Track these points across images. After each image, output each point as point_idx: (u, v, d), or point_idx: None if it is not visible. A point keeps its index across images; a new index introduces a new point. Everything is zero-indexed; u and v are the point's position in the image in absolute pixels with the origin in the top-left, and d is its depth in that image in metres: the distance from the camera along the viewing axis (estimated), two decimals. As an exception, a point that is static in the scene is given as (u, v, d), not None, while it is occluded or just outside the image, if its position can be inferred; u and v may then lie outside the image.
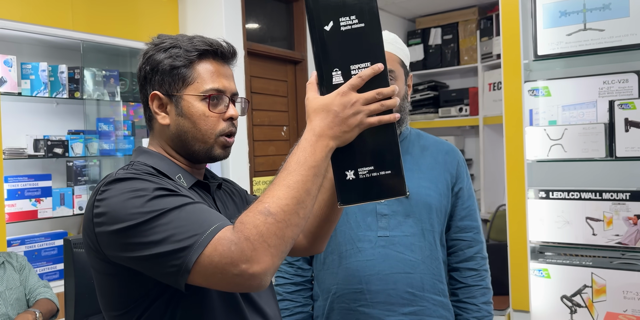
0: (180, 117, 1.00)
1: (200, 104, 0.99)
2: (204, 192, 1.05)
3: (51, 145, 2.77)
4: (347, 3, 0.88)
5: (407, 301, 1.33)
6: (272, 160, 3.84)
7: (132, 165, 0.99)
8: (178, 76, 0.99)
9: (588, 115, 2.07)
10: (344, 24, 0.88)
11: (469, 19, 4.81)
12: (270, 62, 3.82)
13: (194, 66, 1.00)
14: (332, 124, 0.86)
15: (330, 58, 0.88)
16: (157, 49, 1.01)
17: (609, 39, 1.98)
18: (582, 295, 1.97)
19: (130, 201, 0.85)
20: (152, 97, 1.01)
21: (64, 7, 2.77)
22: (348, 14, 0.87)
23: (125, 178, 0.90)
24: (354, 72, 0.88)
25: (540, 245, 2.12)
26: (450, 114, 4.77)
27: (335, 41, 0.88)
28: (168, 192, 0.88)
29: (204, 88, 0.99)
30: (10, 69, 2.60)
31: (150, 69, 1.00)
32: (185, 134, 1.00)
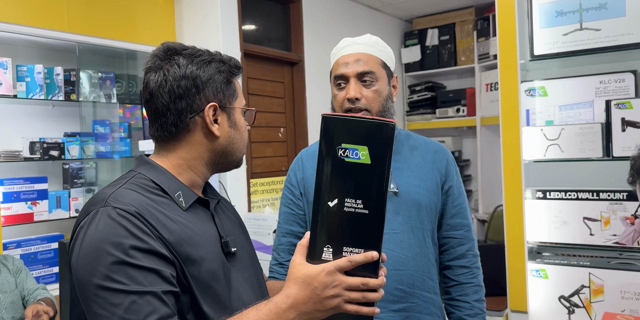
0: (232, 129, 1.05)
1: (242, 117, 1.08)
2: (203, 208, 1.05)
3: (47, 147, 2.76)
4: (358, 185, 0.87)
5: (397, 298, 1.34)
6: (269, 161, 3.83)
7: (131, 178, 0.99)
8: (229, 91, 1.04)
9: (585, 115, 2.06)
10: (349, 205, 0.87)
11: (466, 19, 4.81)
12: (267, 64, 3.82)
13: (234, 82, 1.07)
14: (308, 299, 0.85)
15: (325, 233, 0.87)
16: (201, 60, 1.02)
17: (605, 39, 1.98)
18: (579, 296, 1.97)
19: (97, 259, 0.86)
20: (209, 108, 1.01)
21: (59, 9, 2.76)
22: (355, 197, 0.87)
23: (111, 219, 0.89)
24: (345, 254, 0.87)
25: (538, 245, 2.12)
26: (447, 115, 4.77)
27: (335, 219, 0.87)
28: (135, 261, 0.86)
29: (244, 102, 1.09)
30: (5, 71, 2.59)
31: (203, 81, 1.01)
32: (233, 145, 1.06)
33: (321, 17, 4.17)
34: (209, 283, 0.94)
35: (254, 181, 3.59)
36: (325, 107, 4.11)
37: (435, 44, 4.97)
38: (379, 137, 0.86)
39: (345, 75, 1.37)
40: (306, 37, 4.00)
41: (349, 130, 0.87)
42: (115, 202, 0.91)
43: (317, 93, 4.07)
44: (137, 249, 0.86)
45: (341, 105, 1.39)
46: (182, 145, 1.03)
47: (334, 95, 1.42)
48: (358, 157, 0.87)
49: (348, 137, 0.87)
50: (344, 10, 4.43)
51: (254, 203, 3.58)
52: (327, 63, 4.56)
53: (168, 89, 1.00)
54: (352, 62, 1.37)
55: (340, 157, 0.86)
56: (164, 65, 1.01)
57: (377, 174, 0.86)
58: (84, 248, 0.87)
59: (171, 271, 0.89)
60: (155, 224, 0.91)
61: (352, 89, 1.36)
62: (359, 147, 0.86)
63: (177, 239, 0.92)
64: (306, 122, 4.00)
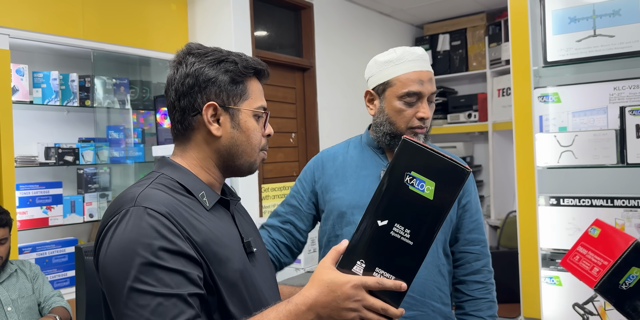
0: (235, 130, 1.03)
1: (252, 119, 1.04)
2: (224, 209, 1.06)
3: (62, 153, 2.80)
4: (412, 216, 0.86)
5: (408, 305, 1.34)
6: (280, 167, 3.85)
7: (156, 178, 1.00)
8: (236, 91, 1.02)
9: (599, 121, 2.05)
10: (396, 231, 0.86)
11: (477, 25, 4.81)
12: (279, 69, 3.84)
13: (248, 83, 1.05)
14: (327, 304, 0.86)
15: (364, 248, 0.87)
16: (210, 60, 1.02)
17: (619, 45, 1.97)
18: (594, 303, 1.95)
19: (126, 260, 0.87)
20: (207, 107, 1.01)
21: (75, 17, 2.80)
22: (405, 225, 0.86)
23: (141, 219, 0.89)
24: (376, 274, 0.87)
25: (552, 252, 2.11)
26: (459, 120, 4.76)
27: (379, 239, 0.86)
28: (163, 263, 0.87)
29: (257, 104, 1.05)
30: (22, 77, 2.63)
31: (204, 80, 1.00)
32: (237, 147, 1.04)
33: (332, 23, 4.19)
34: (235, 283, 0.96)
35: (266, 186, 3.60)
36: (337, 113, 4.13)
37: (447, 49, 4.97)
38: (451, 178, 0.85)
39: (422, 93, 1.36)
40: (317, 43, 4.02)
41: (424, 162, 0.85)
42: (145, 202, 0.91)
43: (328, 99, 4.08)
44: (165, 250, 0.87)
45: (408, 122, 1.37)
46: (191, 145, 1.04)
47: (399, 110, 1.38)
48: (422, 190, 0.85)
49: (421, 167, 0.85)
50: (355, 16, 4.45)
51: (265, 208, 3.59)
52: (338, 68, 4.57)
53: (175, 87, 1.02)
54: (426, 80, 1.37)
55: (406, 183, 0.86)
56: (177, 65, 1.04)
57: (435, 211, 0.85)
58: (113, 247, 0.88)
59: (198, 273, 0.90)
60: (184, 224, 0.92)
61: (427, 109, 1.37)
62: (427, 181, 0.85)
63: (205, 239, 0.94)
64: (317, 128, 4.02)
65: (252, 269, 1.03)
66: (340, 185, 1.44)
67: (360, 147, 1.49)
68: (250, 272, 1.01)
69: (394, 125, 1.38)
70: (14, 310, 2.09)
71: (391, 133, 1.39)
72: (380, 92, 1.41)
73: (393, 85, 1.38)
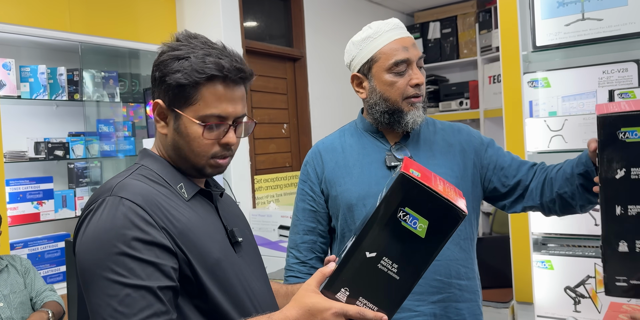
0: (176, 133, 0.99)
1: (196, 126, 0.97)
2: (206, 200, 1.05)
3: (52, 147, 2.78)
4: (402, 251, 0.84)
5: (436, 289, 1.32)
6: (272, 158, 3.84)
7: (136, 169, 1.00)
8: (182, 94, 0.96)
9: (588, 105, 2.05)
10: (384, 264, 0.85)
11: (468, 12, 4.79)
12: (269, 60, 3.82)
13: (200, 88, 0.95)
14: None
15: (350, 277, 0.86)
16: (172, 55, 0.97)
17: (607, 28, 1.97)
18: (585, 286, 1.97)
19: (99, 249, 0.86)
20: (154, 104, 1.00)
21: (61, 9, 2.77)
22: (393, 260, 0.85)
23: (116, 209, 0.89)
24: (359, 303, 0.86)
25: (543, 236, 2.12)
26: (450, 108, 4.76)
27: (366, 270, 0.85)
28: (136, 253, 0.86)
29: (204, 113, 0.96)
30: (9, 72, 2.60)
31: (160, 76, 0.97)
32: (179, 150, 1.00)
33: (322, 12, 4.17)
34: (215, 271, 0.94)
35: (258, 177, 3.60)
36: (329, 102, 4.12)
37: (437, 37, 4.96)
38: (445, 219, 0.83)
39: (410, 59, 1.30)
40: (308, 33, 4.00)
41: (420, 199, 0.83)
42: (122, 192, 0.91)
43: (319, 88, 4.06)
44: (139, 240, 0.86)
45: (402, 93, 1.31)
46: (158, 136, 1.05)
47: (391, 82, 1.31)
48: (415, 227, 0.84)
49: (416, 204, 0.83)
50: (345, 5, 4.42)
51: (259, 199, 3.59)
52: (329, 58, 4.54)
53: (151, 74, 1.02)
54: (410, 46, 1.31)
55: (398, 218, 0.84)
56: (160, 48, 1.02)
57: (425, 250, 0.84)
58: (87, 236, 0.88)
59: (172, 264, 0.89)
60: (161, 214, 0.91)
61: (420, 74, 1.31)
62: (420, 218, 0.83)
63: (183, 228, 0.93)
64: (309, 118, 4.01)
65: (237, 259, 1.01)
66: (345, 177, 1.38)
67: (357, 134, 1.43)
68: (233, 260, 1.00)
69: (389, 100, 1.32)
70: (6, 305, 2.08)
71: (388, 110, 1.33)
72: (367, 71, 1.35)
73: (378, 59, 1.32)
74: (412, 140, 1.39)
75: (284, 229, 3.27)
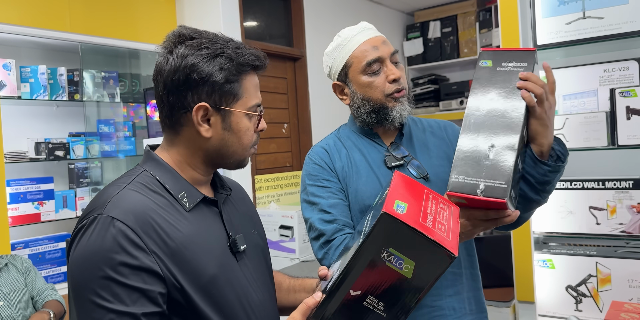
0: (226, 132, 0.97)
1: (246, 119, 0.98)
2: (209, 207, 1.01)
3: (52, 148, 2.78)
4: (388, 291, 0.81)
5: (450, 282, 1.31)
6: (273, 157, 3.84)
7: (136, 176, 0.95)
8: (230, 91, 0.95)
9: (589, 104, 2.05)
10: (369, 302, 0.81)
11: (468, 11, 4.79)
12: (269, 60, 3.80)
13: (242, 81, 0.97)
14: None
15: (337, 314, 0.83)
16: (203, 55, 0.93)
17: (608, 27, 1.96)
18: (587, 285, 1.97)
19: (87, 271, 0.85)
20: (198, 109, 0.93)
21: (61, 10, 2.76)
22: (379, 298, 0.81)
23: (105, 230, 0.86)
24: None
25: (544, 235, 2.11)
26: (451, 107, 4.76)
27: (351, 307, 0.82)
28: (122, 279, 0.84)
29: (251, 104, 0.98)
30: (9, 72, 2.60)
31: (198, 78, 0.92)
32: (228, 148, 0.98)
33: (322, 11, 4.16)
34: (208, 290, 0.91)
35: (259, 177, 3.59)
36: (329, 102, 4.12)
37: (438, 36, 4.95)
38: (433, 260, 0.79)
39: (381, 57, 1.32)
40: (308, 32, 4.00)
41: (405, 240, 0.78)
42: (114, 210, 0.87)
43: (320, 88, 4.06)
44: (126, 265, 0.84)
45: (383, 90, 1.32)
46: (179, 139, 0.98)
47: (368, 83, 1.33)
48: (400, 268, 0.79)
49: (400, 244, 0.78)
50: (345, 4, 4.42)
51: (259, 199, 3.59)
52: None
53: (163, 80, 0.95)
54: (380, 44, 1.32)
55: (382, 259, 0.79)
56: (167, 53, 0.95)
57: (412, 290, 0.80)
58: (77, 255, 0.87)
59: (160, 289, 0.87)
60: (153, 234, 0.88)
61: (396, 69, 1.32)
62: (405, 259, 0.79)
63: (177, 246, 0.89)
64: (309, 118, 4.00)
65: (237, 271, 0.98)
66: (354, 175, 1.36)
67: (353, 137, 1.43)
68: (231, 274, 0.96)
69: (372, 100, 1.34)
70: (6, 304, 2.08)
71: (373, 110, 1.34)
72: (344, 77, 1.37)
73: (352, 64, 1.34)
74: (406, 139, 1.40)
75: (285, 229, 3.26)
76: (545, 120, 1.14)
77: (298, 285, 1.19)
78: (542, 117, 1.13)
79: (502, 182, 1.02)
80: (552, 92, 1.16)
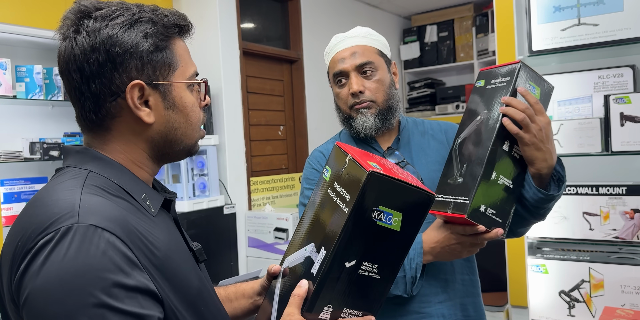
0: (170, 111, 0.81)
1: (187, 92, 0.83)
2: (165, 211, 0.86)
3: (47, 148, 2.77)
4: (380, 250, 0.82)
5: (441, 289, 1.31)
6: (269, 160, 3.84)
7: (86, 178, 0.76)
8: (163, 61, 0.79)
9: (583, 110, 2.06)
10: (364, 268, 0.82)
11: (465, 15, 4.81)
12: (266, 62, 3.82)
13: (173, 47, 0.81)
14: None
15: (330, 292, 0.83)
16: (119, 23, 0.77)
17: (603, 34, 1.98)
18: (580, 290, 1.97)
19: (69, 301, 0.64)
20: (131, 88, 0.77)
21: (57, 9, 2.76)
22: (373, 261, 0.82)
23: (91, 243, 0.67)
24: (344, 314, 0.84)
25: (538, 240, 2.12)
26: (447, 111, 4.78)
27: (347, 281, 0.82)
28: (117, 304, 0.66)
29: (190, 72, 0.83)
30: (4, 72, 2.59)
31: (121, 51, 0.76)
32: (175, 131, 0.83)
33: (319, 14, 4.17)
34: (196, 304, 0.80)
35: (254, 179, 3.59)
36: (325, 105, 4.12)
37: (434, 40, 4.97)
38: (417, 206, 0.81)
39: (344, 70, 1.34)
40: (305, 35, 4.00)
41: (391, 193, 0.80)
42: (92, 217, 0.69)
43: (316, 91, 4.07)
44: (121, 286, 0.66)
45: (346, 102, 1.36)
46: (113, 136, 0.81)
47: (336, 93, 1.38)
48: (390, 223, 0.81)
49: (388, 199, 0.80)
50: (343, 8, 4.43)
51: (254, 201, 3.58)
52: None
53: (77, 66, 0.77)
54: (348, 56, 1.34)
55: (373, 219, 0.80)
56: (73, 34, 0.77)
57: (402, 242, 0.83)
58: (48, 281, 0.65)
59: (158, 314, 0.71)
60: (141, 245, 0.73)
61: (354, 83, 1.32)
62: (394, 213, 0.81)
63: (163, 257, 0.75)
64: (306, 120, 4.01)
65: (207, 282, 0.89)
66: None
67: (351, 142, 1.44)
68: (207, 287, 0.86)
69: (340, 109, 1.39)
70: None
71: (343, 118, 1.39)
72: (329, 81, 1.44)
73: (329, 73, 1.41)
74: (403, 143, 1.41)
75: (280, 231, 3.26)
76: (537, 144, 1.12)
77: (233, 293, 1.08)
78: (533, 141, 1.11)
79: (465, 198, 1.09)
80: (539, 112, 1.13)
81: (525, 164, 1.17)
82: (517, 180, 1.16)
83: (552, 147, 1.15)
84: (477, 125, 1.17)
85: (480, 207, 1.10)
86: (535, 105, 1.13)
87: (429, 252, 1.21)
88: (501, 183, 1.13)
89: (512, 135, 1.12)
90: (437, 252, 1.20)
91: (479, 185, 1.09)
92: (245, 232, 3.42)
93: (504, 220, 1.15)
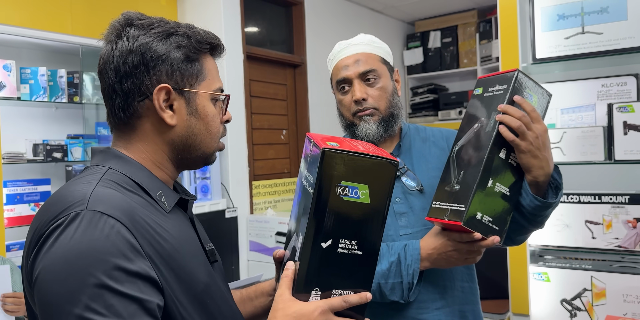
0: (192, 117, 0.87)
1: (210, 103, 0.89)
2: (181, 210, 0.91)
3: (50, 149, 2.77)
4: (354, 226, 0.81)
5: (439, 295, 1.31)
6: (271, 163, 3.84)
7: (104, 173, 0.82)
8: (191, 70, 0.87)
9: (587, 118, 2.06)
10: (343, 246, 0.82)
11: (468, 22, 4.82)
12: (270, 66, 3.83)
13: (203, 60, 0.89)
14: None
15: (315, 273, 0.82)
16: (155, 33, 0.86)
17: (607, 42, 1.98)
18: (582, 299, 1.97)
19: (72, 279, 0.68)
20: (159, 91, 0.84)
21: (63, 12, 2.77)
22: (350, 237, 0.82)
23: (96, 228, 0.72)
24: (334, 295, 0.83)
25: (540, 248, 2.12)
26: (450, 117, 4.78)
27: (328, 261, 0.82)
28: (118, 286, 0.69)
29: (215, 86, 0.90)
30: (9, 73, 2.60)
31: (155, 56, 0.84)
32: (195, 137, 0.88)
33: (323, 19, 4.18)
34: (203, 299, 0.83)
35: (256, 183, 3.59)
36: (328, 109, 4.12)
37: (438, 46, 4.98)
38: (381, 175, 0.81)
39: (347, 78, 1.35)
40: (308, 40, 4.01)
41: (351, 167, 0.80)
42: (100, 205, 0.74)
43: (319, 95, 4.07)
44: (122, 270, 0.70)
45: (349, 109, 1.36)
46: (137, 135, 0.87)
47: (339, 100, 1.39)
48: (357, 196, 0.81)
49: (349, 174, 0.80)
50: (347, 13, 4.44)
51: (256, 205, 3.58)
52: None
53: (114, 66, 0.85)
54: (351, 63, 1.35)
55: (339, 196, 0.80)
56: (115, 38, 0.87)
57: (375, 214, 0.82)
58: (54, 260, 0.70)
59: (158, 301, 0.74)
60: (147, 235, 0.77)
61: (358, 91, 1.33)
62: (359, 186, 0.80)
63: (170, 249, 0.79)
64: (308, 124, 4.01)
65: (218, 280, 0.91)
66: None
67: None
68: (217, 284, 0.89)
69: (343, 115, 1.40)
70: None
71: (346, 125, 1.40)
72: (333, 88, 1.45)
73: (332, 80, 1.42)
74: (404, 149, 1.41)
75: (282, 236, 3.26)
76: (534, 152, 1.12)
77: (253, 292, 1.11)
78: (529, 149, 1.12)
79: (462, 205, 1.10)
80: (536, 120, 1.13)
81: (522, 171, 1.17)
82: (514, 188, 1.16)
83: (549, 155, 1.16)
84: (474, 132, 1.18)
85: (476, 214, 1.10)
86: (531, 113, 1.14)
87: (426, 259, 1.21)
88: (498, 191, 1.13)
89: (509, 142, 1.13)
90: (434, 258, 1.20)
91: (475, 193, 1.09)
92: (246, 236, 3.42)
93: (500, 227, 1.15)
